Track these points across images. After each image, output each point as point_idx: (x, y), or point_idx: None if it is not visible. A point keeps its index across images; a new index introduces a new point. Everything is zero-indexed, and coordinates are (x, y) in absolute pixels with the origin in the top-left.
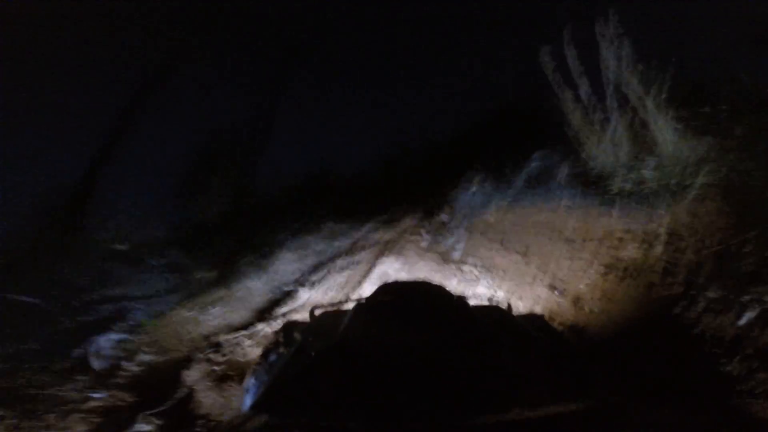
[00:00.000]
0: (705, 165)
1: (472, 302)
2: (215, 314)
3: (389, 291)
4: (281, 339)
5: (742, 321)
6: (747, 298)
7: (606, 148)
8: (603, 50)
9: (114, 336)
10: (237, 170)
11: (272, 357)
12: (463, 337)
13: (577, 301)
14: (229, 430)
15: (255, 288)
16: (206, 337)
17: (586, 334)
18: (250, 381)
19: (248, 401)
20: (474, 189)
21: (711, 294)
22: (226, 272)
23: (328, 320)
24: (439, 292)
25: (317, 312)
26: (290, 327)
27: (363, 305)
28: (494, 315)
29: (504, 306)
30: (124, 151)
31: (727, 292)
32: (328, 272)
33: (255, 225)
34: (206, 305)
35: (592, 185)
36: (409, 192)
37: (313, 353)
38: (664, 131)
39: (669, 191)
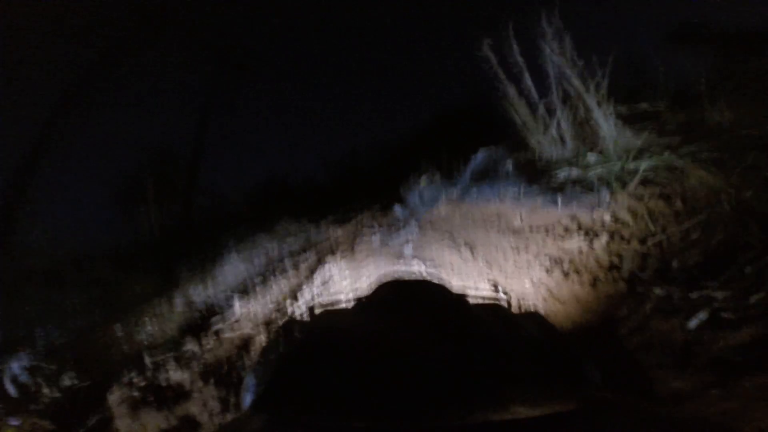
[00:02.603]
0: (646, 153)
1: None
2: (149, 331)
3: (389, 288)
4: (281, 337)
5: (693, 324)
6: (695, 295)
7: (551, 140)
8: (546, 46)
9: (25, 362)
10: (177, 178)
11: (272, 355)
12: (463, 335)
13: (520, 300)
14: (229, 429)
15: (197, 296)
16: (137, 355)
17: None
18: (249, 380)
19: (248, 400)
20: (424, 183)
21: (658, 291)
22: (163, 283)
23: (327, 318)
24: (439, 289)
25: (317, 310)
26: (290, 325)
27: (363, 303)
28: (494, 312)
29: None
30: (51, 161)
31: (674, 287)
32: (272, 274)
33: (202, 230)
34: (139, 320)
35: (538, 176)
36: (363, 190)
37: (313, 352)
38: (605, 126)
39: (613, 176)
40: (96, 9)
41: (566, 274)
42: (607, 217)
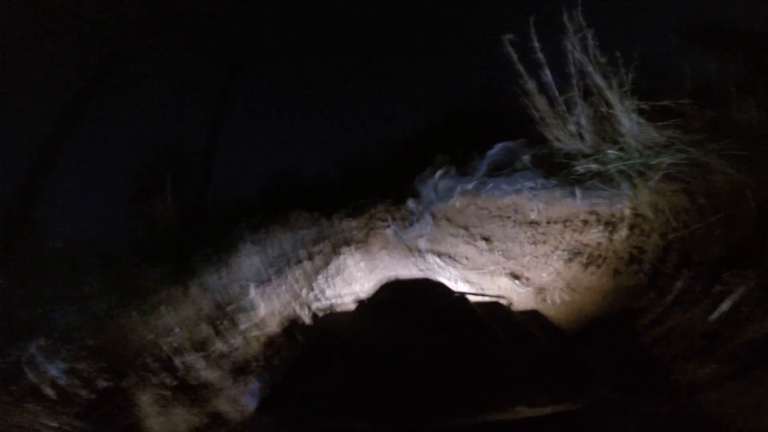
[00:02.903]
0: (669, 149)
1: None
2: (165, 318)
3: (391, 289)
4: (285, 340)
5: (714, 316)
6: (718, 288)
7: (570, 134)
8: (568, 41)
9: (62, 364)
10: (192, 172)
11: (277, 359)
12: (465, 335)
13: (540, 291)
14: (236, 431)
15: (212, 283)
16: (153, 343)
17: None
18: (255, 383)
19: (254, 403)
20: (439, 176)
21: (679, 284)
22: (179, 269)
23: (331, 320)
24: (441, 289)
25: (320, 314)
26: (294, 328)
27: (366, 304)
28: (495, 312)
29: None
30: (72, 149)
31: (696, 281)
32: (287, 264)
33: (216, 221)
34: (155, 306)
35: (556, 169)
36: (375, 184)
37: (318, 354)
38: (627, 122)
39: (635, 171)
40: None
41: (585, 266)
42: (627, 211)
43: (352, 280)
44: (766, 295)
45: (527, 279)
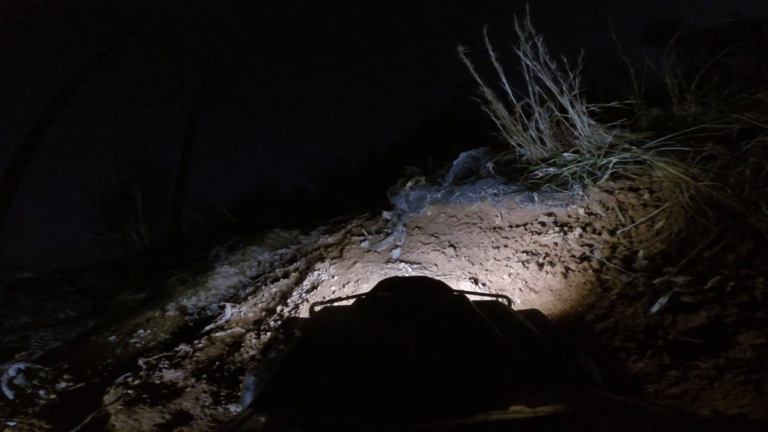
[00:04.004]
0: (616, 149)
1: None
2: (144, 337)
3: (389, 286)
4: (281, 336)
5: (655, 308)
6: (658, 280)
7: (530, 140)
8: (519, 50)
9: (22, 365)
10: (165, 190)
11: (272, 354)
12: (464, 334)
13: (498, 291)
14: (229, 428)
15: (190, 305)
16: (133, 358)
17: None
18: (249, 378)
19: (248, 399)
20: (409, 187)
21: (623, 278)
22: (155, 293)
23: (328, 316)
24: (439, 287)
25: (317, 308)
26: (290, 323)
27: (363, 301)
28: (494, 310)
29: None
30: (36, 174)
31: (638, 275)
32: (263, 284)
33: (191, 241)
34: (134, 328)
35: (517, 175)
36: (352, 197)
37: (313, 350)
38: (579, 124)
39: (586, 172)
40: (81, 19)
41: (541, 266)
42: (581, 211)
43: (326, 294)
44: (701, 284)
45: (489, 282)
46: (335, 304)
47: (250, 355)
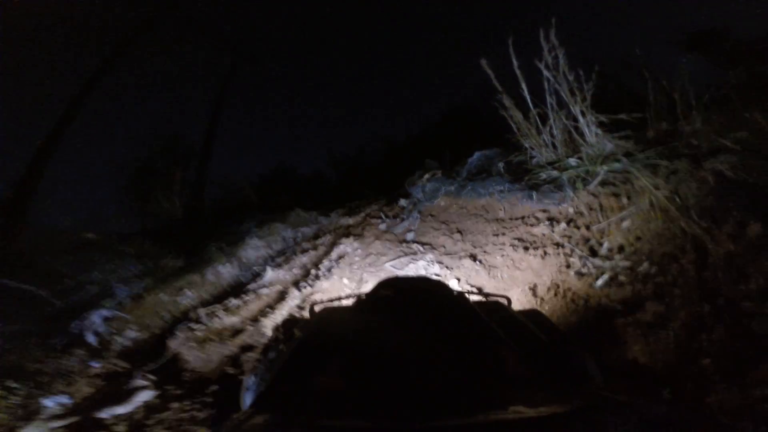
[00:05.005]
0: (610, 159)
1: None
2: (189, 296)
3: (389, 286)
4: (280, 336)
5: (599, 283)
6: (607, 263)
7: (543, 144)
8: (540, 63)
9: (105, 312)
10: (198, 165)
11: (272, 354)
12: (464, 334)
13: (491, 269)
14: (229, 428)
15: (225, 272)
16: (184, 313)
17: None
18: (249, 379)
19: (248, 399)
20: (426, 179)
21: (584, 261)
22: (194, 260)
23: (327, 316)
24: (440, 287)
25: (317, 308)
26: (290, 323)
27: (363, 301)
28: (494, 310)
29: (504, 300)
30: (78, 150)
31: (594, 259)
32: (293, 254)
33: (221, 216)
34: (180, 289)
35: (523, 175)
36: (369, 185)
37: (313, 350)
38: (587, 133)
39: (580, 177)
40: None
41: (526, 249)
42: (570, 210)
43: (352, 262)
44: (636, 268)
45: (485, 260)
46: (335, 303)
47: (295, 303)
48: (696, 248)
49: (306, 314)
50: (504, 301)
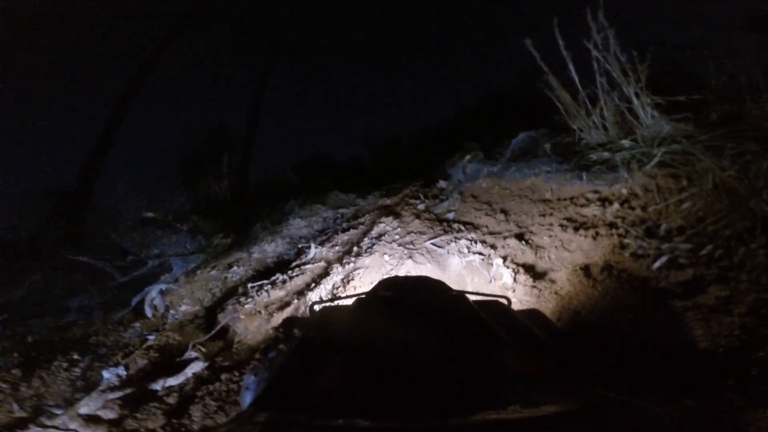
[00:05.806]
0: (668, 141)
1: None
2: (237, 272)
3: (389, 286)
4: (281, 335)
5: (656, 265)
6: (666, 246)
7: (592, 125)
8: (591, 39)
9: (162, 286)
10: (242, 151)
11: (272, 353)
12: (463, 333)
13: (538, 249)
14: (229, 428)
15: (270, 249)
16: (233, 288)
17: (546, 277)
18: (249, 378)
19: (248, 399)
20: (467, 160)
21: (639, 242)
22: (241, 238)
23: (328, 316)
24: (440, 286)
25: (317, 307)
26: (290, 323)
27: (363, 300)
28: (494, 310)
29: (504, 300)
30: (130, 138)
31: (652, 240)
32: (335, 233)
33: (264, 197)
34: (228, 266)
35: (573, 155)
36: (406, 168)
37: (314, 350)
38: (642, 115)
39: (635, 159)
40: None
41: (576, 230)
42: (624, 191)
43: (392, 240)
44: (698, 251)
45: (532, 240)
46: (335, 303)
47: (340, 278)
48: (766, 231)
49: (308, 313)
50: (504, 301)
